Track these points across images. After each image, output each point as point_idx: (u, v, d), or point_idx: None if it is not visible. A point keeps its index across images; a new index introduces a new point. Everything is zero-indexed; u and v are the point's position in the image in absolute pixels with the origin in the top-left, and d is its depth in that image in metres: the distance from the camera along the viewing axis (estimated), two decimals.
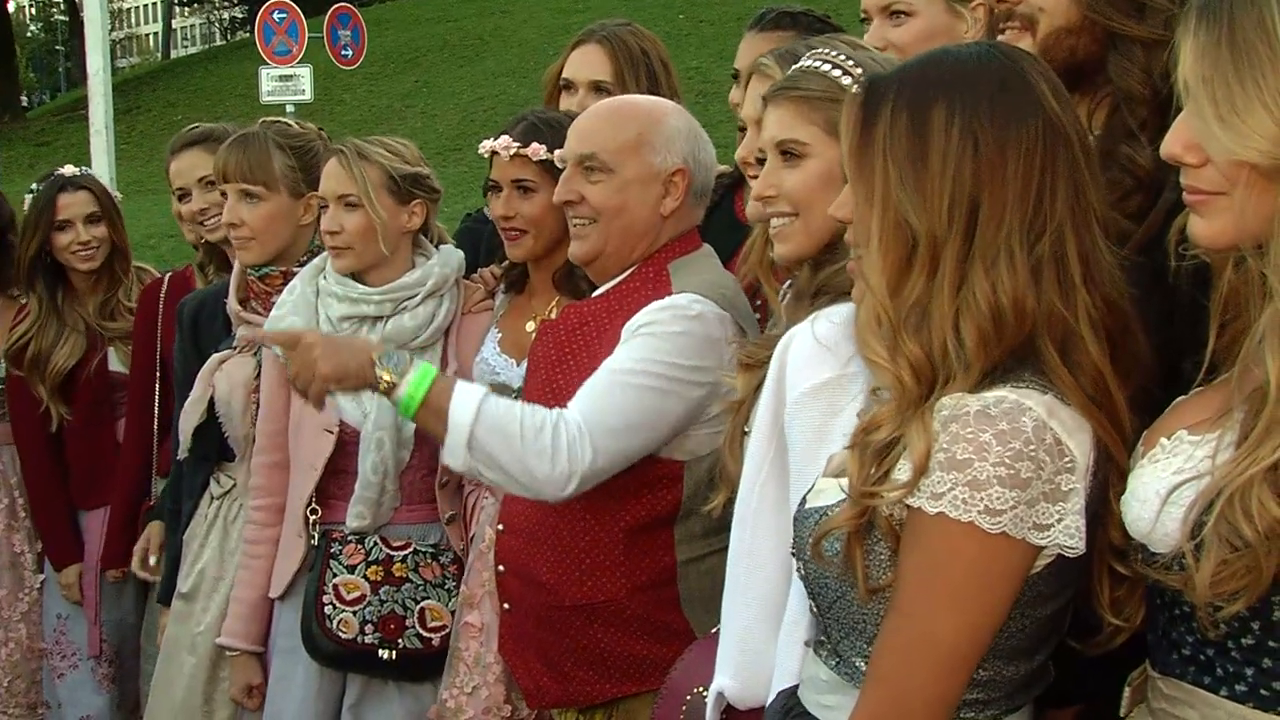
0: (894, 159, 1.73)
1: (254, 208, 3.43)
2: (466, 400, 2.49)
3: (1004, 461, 1.63)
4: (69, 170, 4.39)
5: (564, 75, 3.52)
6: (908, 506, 1.69)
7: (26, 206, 4.32)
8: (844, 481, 1.79)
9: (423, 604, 3.21)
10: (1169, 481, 1.64)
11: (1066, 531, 1.67)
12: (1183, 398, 1.76)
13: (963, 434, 1.65)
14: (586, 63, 3.49)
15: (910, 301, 1.72)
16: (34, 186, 4.35)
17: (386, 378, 2.49)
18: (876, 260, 1.74)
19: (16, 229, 4.37)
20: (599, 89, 3.43)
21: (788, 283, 2.38)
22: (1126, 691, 1.79)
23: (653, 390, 2.57)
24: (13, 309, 4.36)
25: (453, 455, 2.51)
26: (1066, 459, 1.66)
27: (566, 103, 3.46)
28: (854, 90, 1.84)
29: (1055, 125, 1.74)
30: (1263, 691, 1.59)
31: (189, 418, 3.49)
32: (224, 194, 3.49)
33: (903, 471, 1.70)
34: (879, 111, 1.76)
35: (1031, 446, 1.64)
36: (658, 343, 2.59)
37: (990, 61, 1.77)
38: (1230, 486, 1.54)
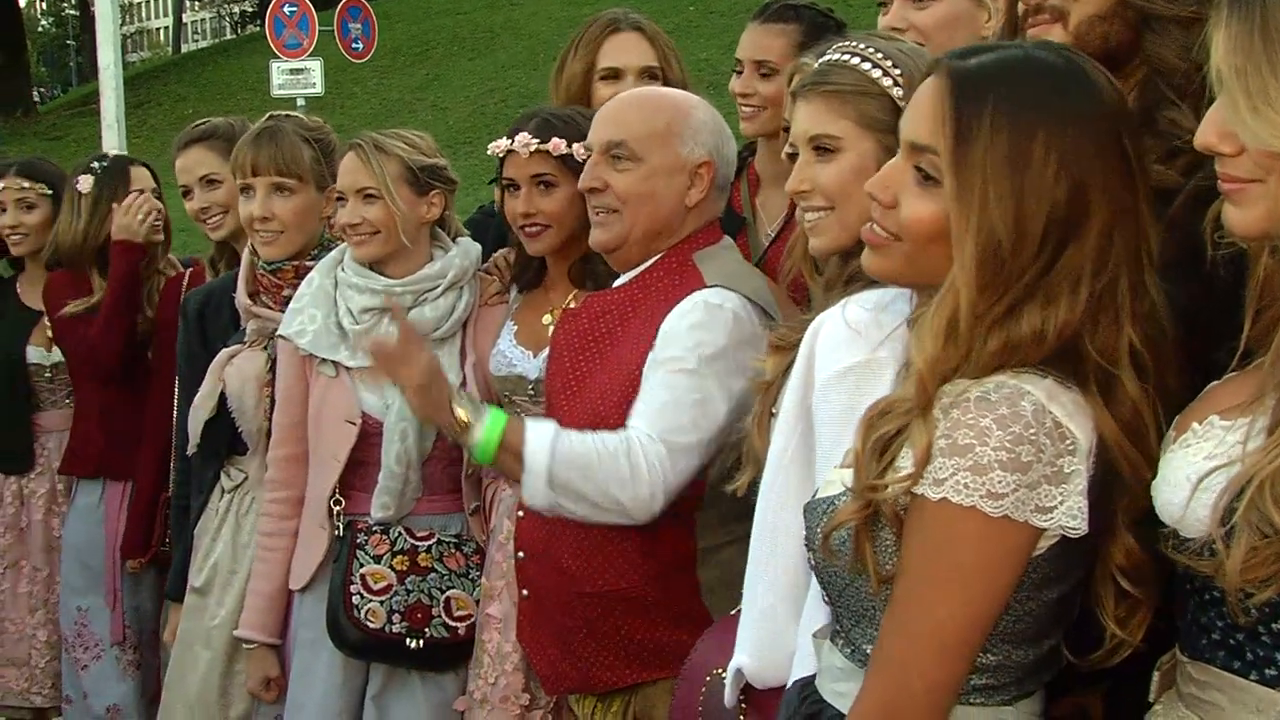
0: (994, 181, 1.70)
1: (286, 201, 3.43)
2: (540, 437, 2.54)
3: (1004, 445, 1.64)
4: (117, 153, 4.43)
5: (607, 65, 3.46)
6: (911, 494, 1.70)
7: (82, 187, 4.26)
8: (847, 475, 1.79)
9: (448, 593, 3.22)
10: (1200, 466, 1.64)
11: (1069, 513, 1.67)
12: (1216, 382, 1.76)
13: (963, 420, 1.66)
14: (632, 50, 3.46)
15: (980, 315, 1.71)
16: (94, 165, 4.33)
17: (463, 417, 2.55)
18: (970, 273, 1.71)
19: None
20: (649, 75, 3.42)
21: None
22: (1155, 676, 1.80)
23: (706, 390, 2.59)
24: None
25: (533, 494, 2.56)
26: (1068, 441, 1.67)
27: (610, 90, 3.35)
28: (939, 78, 1.79)
29: (1128, 162, 1.73)
30: None
31: (199, 412, 3.49)
32: (245, 189, 3.47)
33: (905, 460, 1.71)
34: (978, 124, 1.72)
35: (1031, 430, 1.64)
36: (702, 343, 2.60)
37: (1082, 87, 1.74)
38: (1261, 474, 1.54)
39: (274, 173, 3.42)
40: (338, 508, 3.24)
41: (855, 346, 2.05)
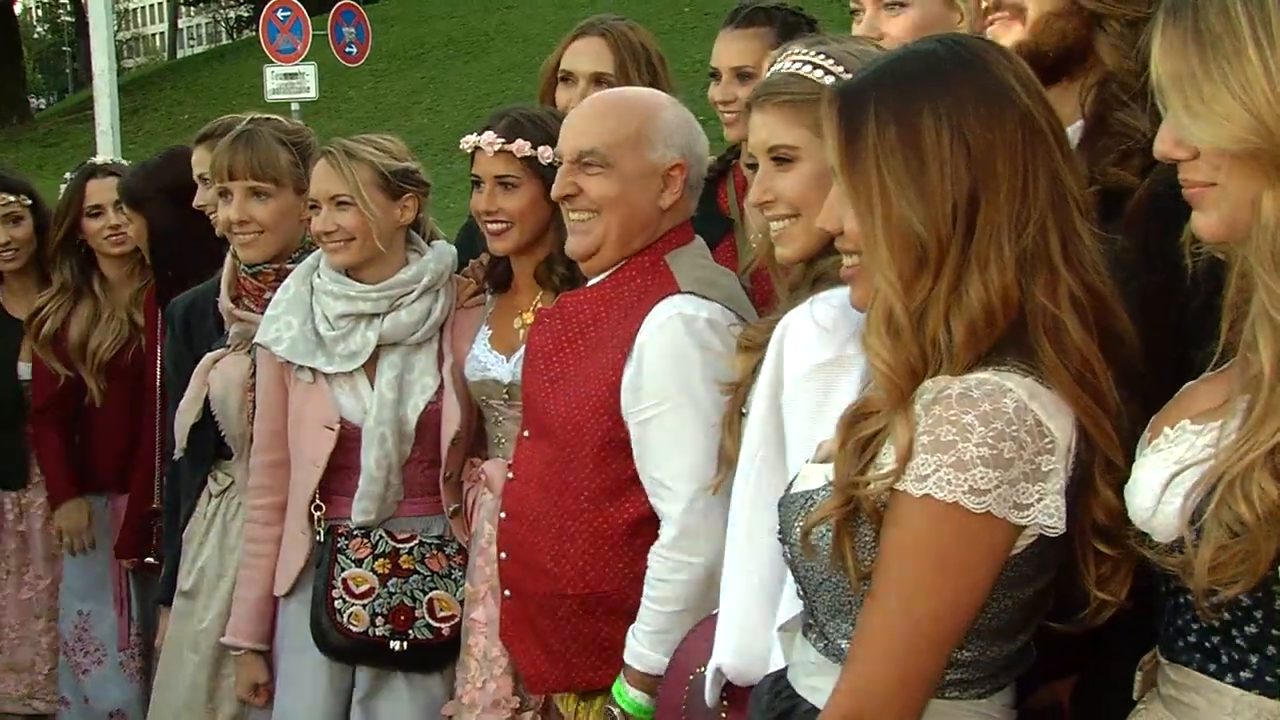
0: (890, 171, 1.74)
1: (264, 204, 3.45)
2: (638, 651, 2.62)
3: (987, 442, 1.66)
4: (100, 159, 4.47)
5: (563, 67, 3.51)
6: (892, 490, 1.71)
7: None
8: (829, 469, 1.81)
9: (431, 594, 3.23)
10: (1170, 471, 1.65)
11: (1046, 511, 1.69)
12: (1190, 383, 1.77)
13: (946, 416, 1.68)
14: (588, 54, 3.48)
15: (917, 304, 1.74)
16: (67, 176, 4.42)
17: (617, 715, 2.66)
18: (889, 270, 1.74)
19: None
20: (600, 81, 3.42)
21: None
22: (1138, 676, 1.81)
23: (706, 422, 2.59)
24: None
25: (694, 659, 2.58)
26: (1047, 440, 1.69)
27: (565, 95, 3.45)
28: (828, 102, 1.84)
29: (1028, 116, 1.76)
30: (1268, 678, 1.61)
31: (184, 417, 3.51)
32: (223, 193, 3.49)
33: (887, 457, 1.72)
34: (863, 124, 1.76)
35: (1013, 427, 1.66)
36: (687, 371, 2.61)
37: (961, 59, 1.78)
38: (1231, 472, 1.55)
39: (250, 177, 3.44)
40: (318, 513, 3.25)
41: (824, 344, 2.07)
